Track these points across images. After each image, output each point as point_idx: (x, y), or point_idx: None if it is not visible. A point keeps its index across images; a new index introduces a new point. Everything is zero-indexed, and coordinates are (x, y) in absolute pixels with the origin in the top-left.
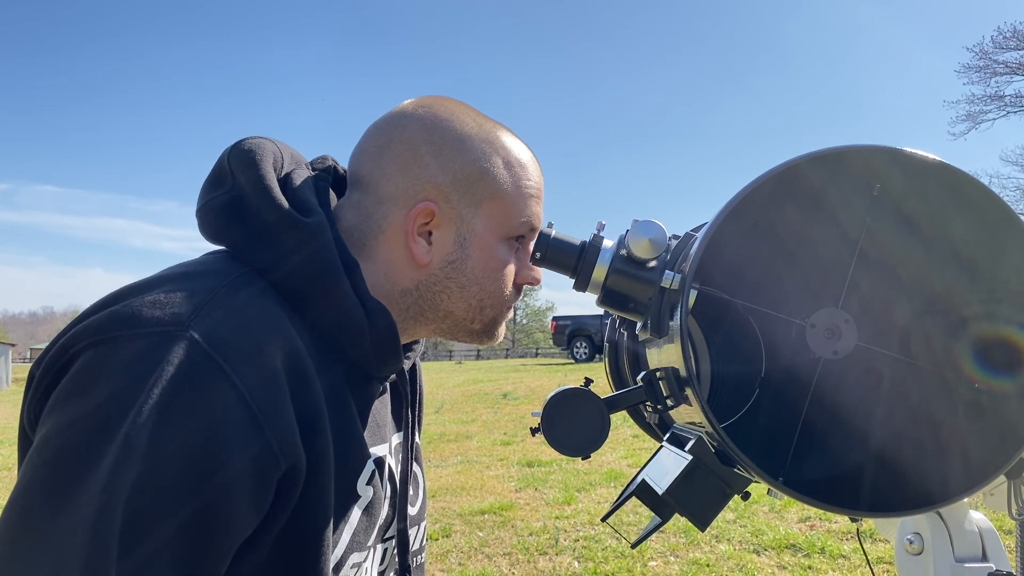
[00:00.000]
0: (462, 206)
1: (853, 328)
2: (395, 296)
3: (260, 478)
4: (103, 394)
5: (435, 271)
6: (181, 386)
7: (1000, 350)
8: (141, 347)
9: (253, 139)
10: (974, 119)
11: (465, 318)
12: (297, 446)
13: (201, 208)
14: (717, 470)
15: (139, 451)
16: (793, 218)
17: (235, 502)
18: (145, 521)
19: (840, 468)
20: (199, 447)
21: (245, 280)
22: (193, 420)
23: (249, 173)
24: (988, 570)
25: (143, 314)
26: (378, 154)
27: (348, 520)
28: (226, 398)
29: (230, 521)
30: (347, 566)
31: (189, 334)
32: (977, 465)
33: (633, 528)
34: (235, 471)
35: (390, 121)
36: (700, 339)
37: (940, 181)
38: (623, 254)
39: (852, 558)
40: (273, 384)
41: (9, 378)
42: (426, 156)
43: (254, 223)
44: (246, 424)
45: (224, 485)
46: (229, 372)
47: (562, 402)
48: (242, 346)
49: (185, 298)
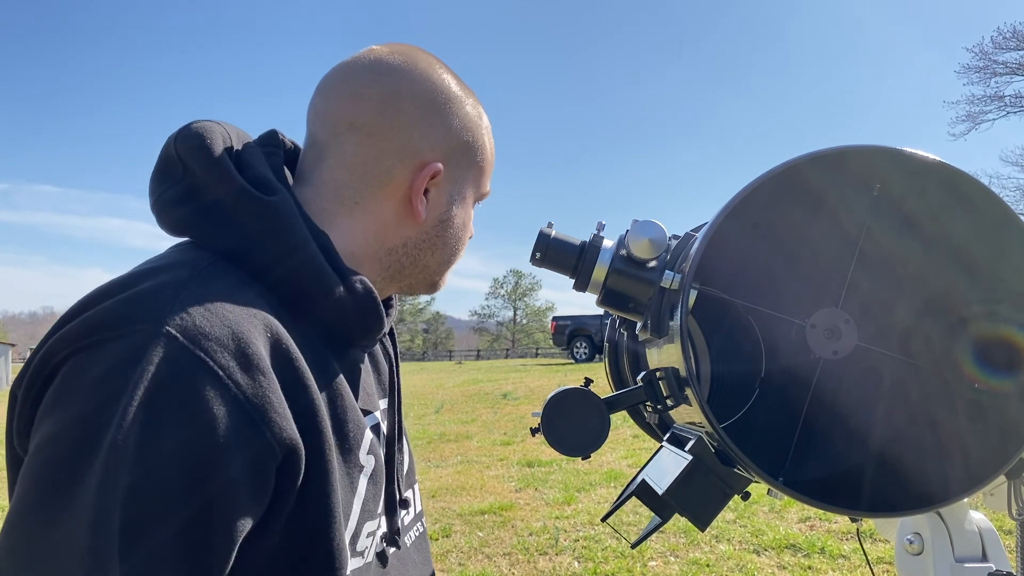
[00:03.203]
0: (460, 169)
1: (853, 328)
2: (379, 255)
3: (258, 470)
4: (87, 401)
5: (427, 228)
6: (164, 384)
7: (1000, 350)
8: (119, 348)
9: (198, 123)
10: (974, 119)
11: (435, 272)
12: (292, 432)
13: (156, 203)
14: (717, 470)
15: (129, 454)
16: (793, 218)
17: (235, 497)
18: (144, 524)
19: (840, 468)
20: (191, 444)
21: (217, 268)
22: (181, 417)
23: (199, 157)
24: (988, 570)
25: (117, 315)
26: (382, 103)
27: (357, 492)
28: (212, 392)
29: (231, 517)
30: (363, 536)
31: (165, 330)
32: (977, 465)
33: (633, 528)
34: (232, 466)
35: (383, 68)
36: (700, 339)
37: (940, 181)
38: (623, 254)
39: (852, 558)
40: (260, 373)
41: (9, 378)
42: (435, 115)
43: (213, 208)
44: (237, 416)
45: (222, 482)
46: (212, 365)
47: (562, 402)
48: (222, 337)
49: (156, 293)
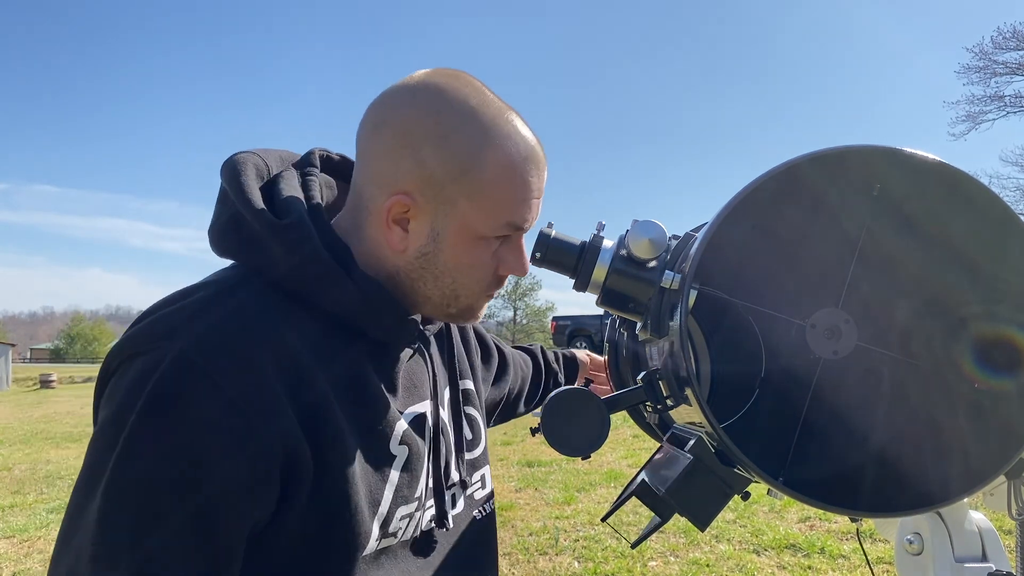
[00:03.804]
0: (437, 203)
1: (853, 328)
2: (386, 276)
3: (257, 470)
4: (117, 406)
5: (411, 260)
6: (166, 393)
7: (1000, 350)
8: (143, 363)
9: (236, 155)
10: (974, 119)
11: (441, 303)
12: (293, 434)
13: (209, 228)
14: (717, 470)
15: (133, 455)
16: (793, 218)
17: (233, 497)
18: (147, 514)
19: (840, 468)
20: (186, 448)
21: (239, 286)
22: (178, 423)
23: (233, 187)
24: (988, 570)
25: (148, 333)
26: (373, 131)
27: (388, 480)
28: (209, 399)
29: (232, 514)
30: (396, 519)
31: (178, 347)
32: (977, 465)
33: (633, 528)
34: (227, 467)
35: (392, 97)
36: (700, 339)
37: (940, 181)
38: (623, 254)
39: (852, 558)
40: (259, 381)
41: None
42: (409, 147)
43: (247, 233)
44: (233, 421)
45: (218, 481)
46: (211, 372)
47: (562, 402)
48: (225, 349)
49: (179, 313)
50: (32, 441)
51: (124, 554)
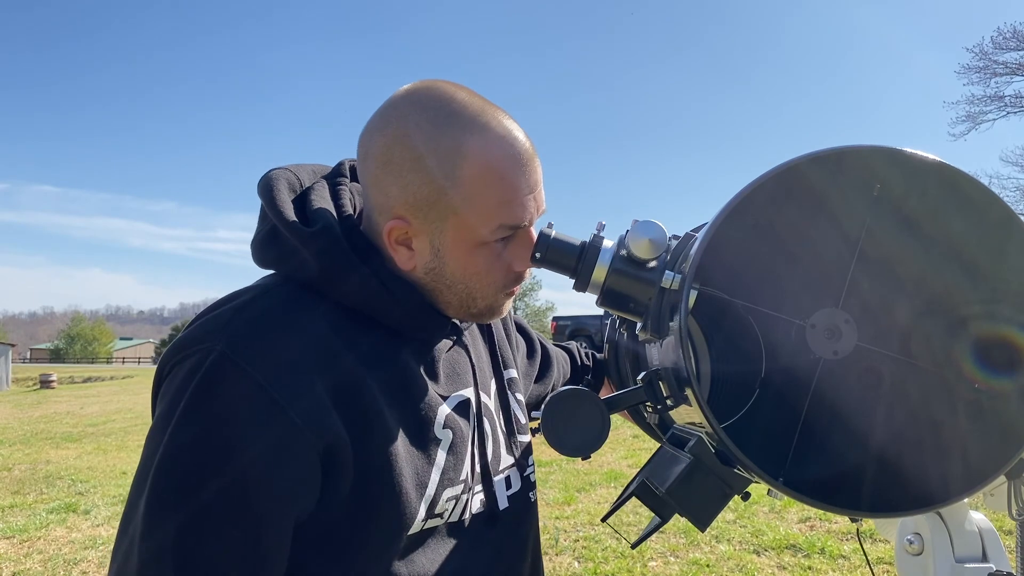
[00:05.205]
0: (429, 221)
1: (853, 328)
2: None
3: (290, 453)
4: (167, 404)
5: (421, 275)
6: (202, 386)
7: (1000, 350)
8: (189, 365)
9: (270, 171)
10: (974, 120)
11: (461, 307)
12: (327, 421)
13: (251, 243)
14: (717, 470)
15: (177, 441)
16: (793, 218)
17: (267, 475)
18: (188, 486)
19: (840, 468)
20: (217, 433)
21: (274, 288)
22: (211, 411)
23: (267, 201)
24: (988, 570)
25: (193, 336)
26: (362, 163)
27: (435, 462)
28: (240, 389)
29: (266, 485)
30: (442, 500)
31: (218, 347)
32: (977, 465)
33: (633, 528)
34: (258, 443)
35: (370, 126)
36: (700, 339)
37: (940, 181)
38: (623, 254)
39: (852, 558)
40: (290, 370)
41: (9, 378)
42: (391, 174)
43: (281, 243)
44: (264, 408)
45: (249, 461)
46: (244, 366)
47: (562, 402)
48: (255, 344)
49: (220, 317)
50: (32, 441)
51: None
